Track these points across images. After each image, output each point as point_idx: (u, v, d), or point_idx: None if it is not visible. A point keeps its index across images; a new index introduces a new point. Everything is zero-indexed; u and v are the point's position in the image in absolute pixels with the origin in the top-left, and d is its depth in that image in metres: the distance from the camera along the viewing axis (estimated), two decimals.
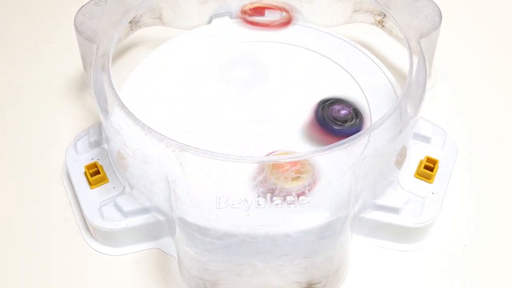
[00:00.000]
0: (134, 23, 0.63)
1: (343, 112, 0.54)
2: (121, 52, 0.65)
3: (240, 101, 0.57)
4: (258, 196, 0.47)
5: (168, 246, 0.51)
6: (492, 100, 0.62)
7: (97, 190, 0.52)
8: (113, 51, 0.55)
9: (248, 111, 0.56)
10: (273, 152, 0.51)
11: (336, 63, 0.60)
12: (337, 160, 0.48)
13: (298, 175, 0.47)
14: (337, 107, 0.54)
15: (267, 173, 0.47)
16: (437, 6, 0.57)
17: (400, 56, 0.63)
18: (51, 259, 0.51)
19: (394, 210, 0.51)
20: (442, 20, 0.56)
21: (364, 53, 0.61)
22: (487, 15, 0.72)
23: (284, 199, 0.47)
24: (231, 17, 0.65)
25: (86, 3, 0.58)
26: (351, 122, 0.53)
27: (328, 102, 0.55)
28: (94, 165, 0.53)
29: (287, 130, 0.55)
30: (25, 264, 0.51)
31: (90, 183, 0.53)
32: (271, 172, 0.47)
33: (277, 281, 0.47)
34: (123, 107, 0.49)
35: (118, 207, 0.51)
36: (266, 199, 0.47)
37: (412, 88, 0.52)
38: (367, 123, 0.54)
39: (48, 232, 0.53)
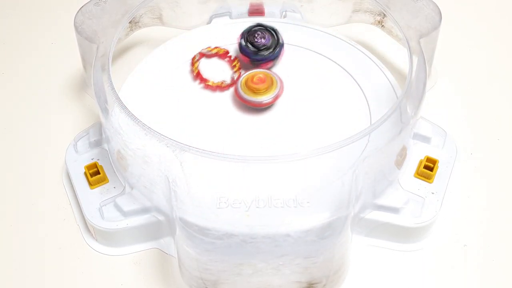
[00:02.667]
0: (134, 23, 0.63)
1: (262, 41, 0.57)
2: (121, 52, 0.65)
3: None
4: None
5: (168, 246, 0.51)
6: (492, 100, 0.62)
7: (97, 190, 0.52)
8: (113, 51, 0.55)
9: (247, 110, 0.56)
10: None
11: (336, 63, 0.60)
12: (337, 160, 0.48)
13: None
14: (257, 34, 0.58)
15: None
16: (437, 6, 0.57)
17: (400, 56, 0.63)
18: (51, 259, 0.51)
19: (394, 210, 0.51)
20: (442, 20, 0.56)
21: (364, 53, 0.61)
22: (487, 15, 0.72)
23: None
24: (231, 17, 0.65)
25: (86, 3, 0.58)
26: (268, 51, 0.57)
27: (249, 31, 0.58)
28: (94, 165, 0.53)
29: (286, 129, 0.55)
30: (25, 264, 0.51)
31: (90, 183, 0.53)
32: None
33: (277, 281, 0.47)
34: (123, 107, 0.49)
35: (118, 207, 0.51)
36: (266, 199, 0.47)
37: (412, 88, 0.52)
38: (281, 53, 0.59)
39: (48, 232, 0.53)
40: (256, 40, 0.58)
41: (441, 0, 0.58)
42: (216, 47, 0.60)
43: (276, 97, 0.56)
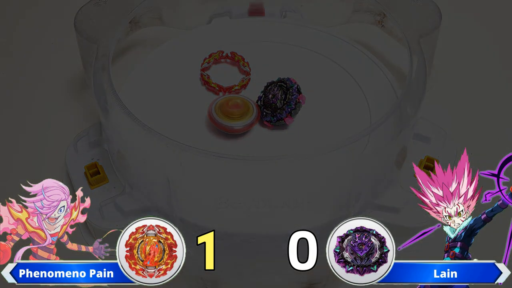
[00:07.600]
0: (134, 23, 0.63)
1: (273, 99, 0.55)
2: (121, 52, 0.65)
3: None
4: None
5: None
6: (492, 100, 0.62)
7: (97, 190, 0.52)
8: (113, 51, 0.55)
9: None
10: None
11: (336, 63, 0.60)
12: (337, 160, 0.48)
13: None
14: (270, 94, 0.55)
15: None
16: (437, 6, 0.57)
17: (400, 56, 0.63)
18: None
19: (394, 210, 0.51)
20: (442, 20, 0.56)
21: (364, 53, 0.61)
22: (487, 15, 0.72)
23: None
24: (231, 17, 0.65)
25: (86, 3, 0.58)
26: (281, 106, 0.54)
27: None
28: (94, 165, 0.53)
29: (286, 129, 0.55)
30: None
31: (90, 183, 0.53)
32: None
33: (277, 281, 0.47)
34: (123, 107, 0.49)
35: (118, 207, 0.51)
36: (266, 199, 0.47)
37: (412, 88, 0.52)
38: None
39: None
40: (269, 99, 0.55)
41: (441, 0, 0.58)
42: (210, 55, 0.60)
43: (251, 125, 0.54)
